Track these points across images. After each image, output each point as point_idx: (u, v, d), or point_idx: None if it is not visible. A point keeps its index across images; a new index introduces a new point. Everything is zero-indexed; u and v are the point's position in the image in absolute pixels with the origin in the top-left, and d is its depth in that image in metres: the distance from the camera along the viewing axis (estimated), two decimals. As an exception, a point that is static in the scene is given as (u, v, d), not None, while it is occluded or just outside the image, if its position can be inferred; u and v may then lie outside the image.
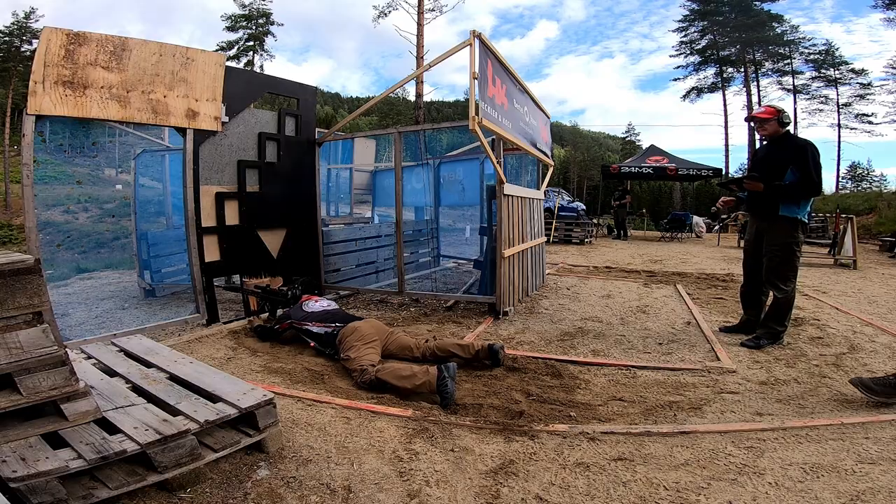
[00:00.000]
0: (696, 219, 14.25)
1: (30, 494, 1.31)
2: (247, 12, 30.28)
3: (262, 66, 30.34)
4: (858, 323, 4.00)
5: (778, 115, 3.29)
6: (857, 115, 25.86)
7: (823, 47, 25.92)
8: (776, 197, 3.24)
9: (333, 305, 3.43)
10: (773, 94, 27.94)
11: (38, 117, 2.88)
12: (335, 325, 3.02)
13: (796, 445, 1.96)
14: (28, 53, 23.65)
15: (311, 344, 3.11)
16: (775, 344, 3.31)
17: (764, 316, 3.35)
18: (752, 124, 3.41)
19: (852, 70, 25.56)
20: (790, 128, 3.37)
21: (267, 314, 3.82)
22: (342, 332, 2.92)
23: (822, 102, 26.65)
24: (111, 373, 2.12)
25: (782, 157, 3.26)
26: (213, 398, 1.88)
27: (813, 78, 26.54)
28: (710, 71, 29.04)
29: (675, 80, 33.48)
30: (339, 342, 2.89)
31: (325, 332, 3.04)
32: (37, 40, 3.04)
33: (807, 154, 3.15)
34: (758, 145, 25.46)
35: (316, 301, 3.46)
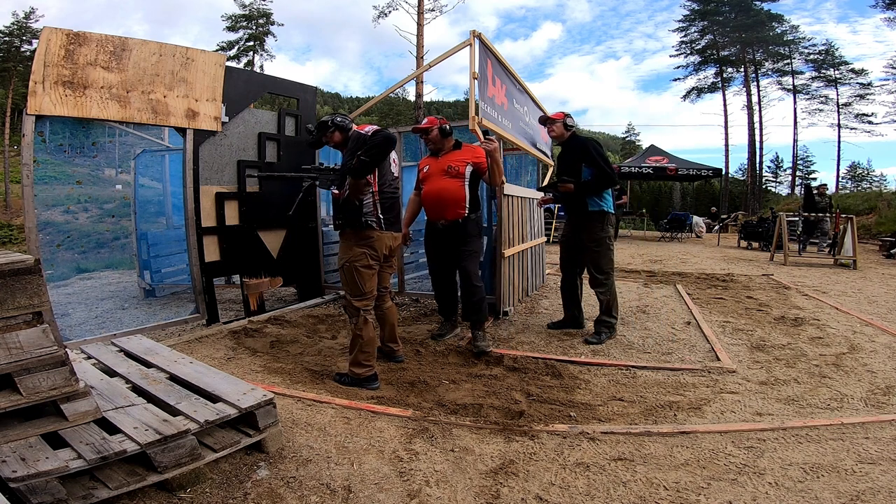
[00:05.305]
0: (695, 219, 14.25)
1: (30, 494, 1.31)
2: (247, 12, 30.29)
3: (262, 67, 30.39)
4: (858, 323, 4.00)
5: (563, 118, 3.58)
6: (857, 115, 25.87)
7: (823, 47, 25.94)
8: (582, 194, 3.48)
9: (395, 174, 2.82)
10: (773, 93, 27.98)
11: (38, 117, 2.87)
12: (378, 218, 2.63)
13: (796, 445, 1.96)
14: (28, 53, 23.69)
15: (335, 193, 2.68)
16: (612, 335, 3.52)
17: (599, 313, 3.58)
18: (545, 126, 3.77)
19: (852, 70, 25.58)
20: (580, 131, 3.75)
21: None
22: (360, 235, 2.63)
23: (822, 102, 26.66)
24: (111, 373, 2.12)
25: (573, 156, 3.54)
26: (213, 398, 1.88)
27: (813, 78, 26.54)
28: (711, 71, 29.00)
29: (676, 80, 33.46)
30: (355, 244, 2.69)
31: (362, 218, 2.59)
32: (37, 40, 3.03)
33: (589, 150, 3.44)
34: (756, 146, 25.81)
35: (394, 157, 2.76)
